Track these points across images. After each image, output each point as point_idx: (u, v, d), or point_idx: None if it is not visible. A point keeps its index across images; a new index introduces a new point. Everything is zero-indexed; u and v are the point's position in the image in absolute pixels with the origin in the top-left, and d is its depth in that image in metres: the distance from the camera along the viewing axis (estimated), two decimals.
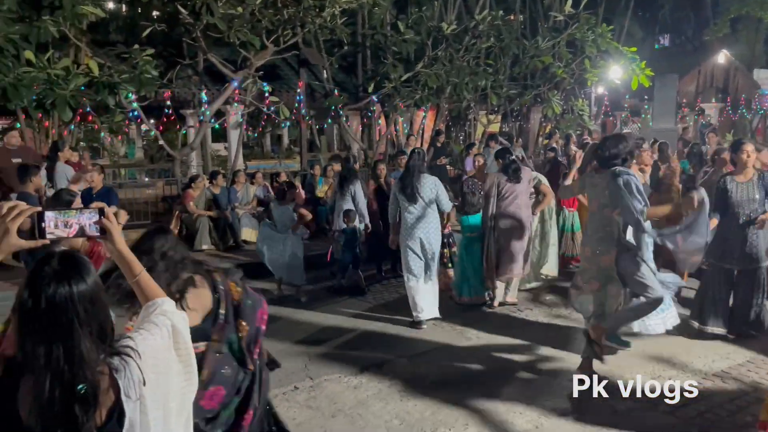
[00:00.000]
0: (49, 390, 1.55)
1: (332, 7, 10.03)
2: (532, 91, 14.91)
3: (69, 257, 1.65)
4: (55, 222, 1.72)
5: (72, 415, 1.57)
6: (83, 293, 1.61)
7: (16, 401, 1.57)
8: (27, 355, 1.57)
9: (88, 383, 1.58)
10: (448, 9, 15.04)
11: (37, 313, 1.57)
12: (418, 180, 6.23)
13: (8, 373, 1.60)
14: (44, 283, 1.58)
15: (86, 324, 1.60)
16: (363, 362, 5.39)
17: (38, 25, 8.29)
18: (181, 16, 9.65)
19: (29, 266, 5.76)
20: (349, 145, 14.74)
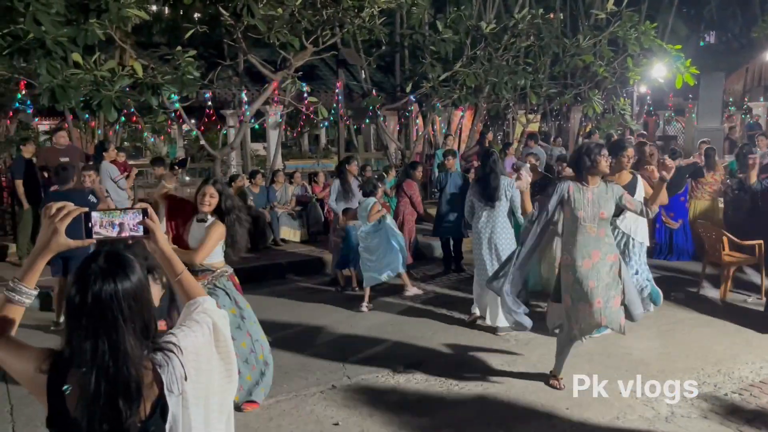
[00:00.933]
0: (95, 384, 1.58)
1: (371, 7, 10.02)
2: (573, 91, 14.68)
3: (114, 255, 1.69)
4: (101, 222, 1.76)
5: (117, 409, 1.60)
6: (128, 290, 1.65)
7: (63, 395, 1.62)
8: (74, 350, 1.61)
9: (132, 378, 1.61)
10: (487, 8, 14.92)
11: (83, 310, 1.61)
12: (496, 181, 6.22)
13: (56, 368, 1.64)
14: (91, 280, 1.62)
15: (130, 320, 1.64)
16: (402, 362, 5.39)
17: (85, 28, 8.49)
18: (222, 18, 9.78)
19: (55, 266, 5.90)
20: (386, 144, 14.75)
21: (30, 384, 1.68)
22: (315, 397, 4.77)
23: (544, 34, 12.89)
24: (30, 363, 1.66)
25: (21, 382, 1.71)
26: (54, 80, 8.27)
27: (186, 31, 10.17)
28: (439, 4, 15.28)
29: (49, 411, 1.64)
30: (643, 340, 5.70)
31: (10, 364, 1.70)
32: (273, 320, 6.63)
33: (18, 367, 1.69)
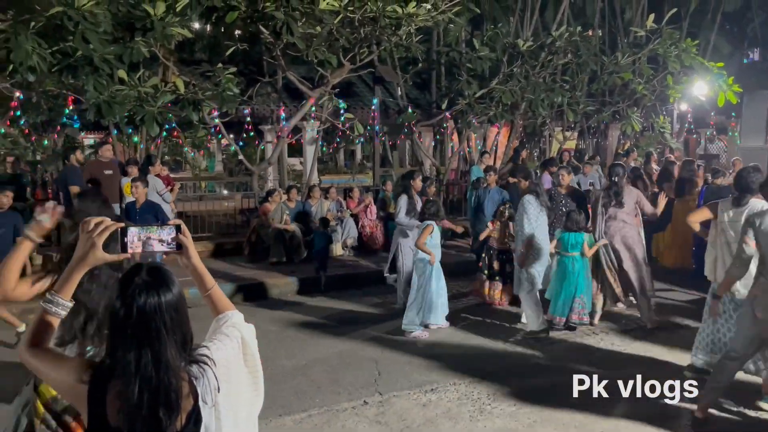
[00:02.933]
0: (138, 394, 1.63)
1: (408, 25, 10.13)
2: (611, 108, 14.53)
3: (156, 269, 1.75)
4: (137, 237, 1.82)
5: (157, 418, 1.65)
6: (170, 303, 1.70)
7: (104, 404, 1.66)
8: (117, 360, 1.67)
9: (172, 388, 1.66)
10: (524, 25, 14.91)
11: (128, 321, 1.66)
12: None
13: (97, 378, 1.69)
14: (135, 293, 1.68)
15: (172, 332, 1.70)
16: (433, 379, 5.37)
17: (131, 46, 8.79)
18: (262, 36, 10.00)
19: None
20: (421, 161, 14.78)
21: (70, 394, 1.73)
22: (346, 412, 4.78)
23: (582, 51, 12.82)
24: (70, 374, 1.71)
25: (59, 392, 1.77)
26: (100, 96, 8.58)
27: (227, 49, 10.43)
28: (476, 22, 15.33)
29: (89, 420, 1.69)
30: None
31: (48, 374, 1.76)
32: (306, 333, 6.69)
33: (57, 378, 1.74)
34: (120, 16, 8.83)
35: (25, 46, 7.74)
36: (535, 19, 15.16)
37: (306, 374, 5.51)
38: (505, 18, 14.92)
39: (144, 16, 8.77)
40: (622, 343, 6.25)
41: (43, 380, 1.78)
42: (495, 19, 14.81)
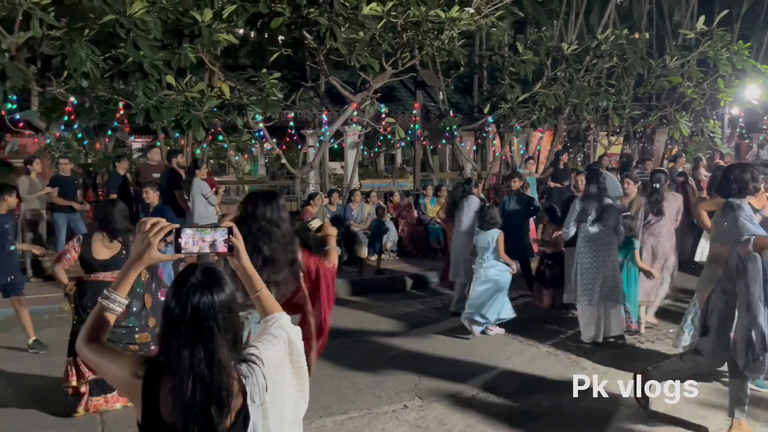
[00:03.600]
0: (190, 391, 1.67)
1: (451, 29, 10.11)
2: (658, 112, 14.21)
3: (210, 270, 1.78)
4: (192, 238, 1.86)
5: (209, 415, 1.68)
6: (223, 303, 1.74)
7: (158, 400, 1.71)
8: (171, 357, 1.71)
9: (224, 386, 1.70)
10: (568, 29, 14.72)
11: (182, 320, 1.71)
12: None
13: (151, 375, 1.73)
14: (190, 292, 1.72)
15: (224, 331, 1.73)
16: (474, 384, 5.33)
17: (179, 52, 9.01)
18: (305, 41, 10.12)
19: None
20: (462, 165, 14.72)
21: (125, 388, 1.79)
22: (387, 415, 4.78)
23: (629, 54, 12.58)
24: (126, 368, 1.76)
25: (115, 385, 1.83)
26: (149, 101, 8.81)
27: (271, 54, 10.59)
28: (518, 26, 15.20)
29: (142, 415, 1.74)
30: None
31: (105, 368, 1.81)
32: (348, 336, 6.72)
33: (114, 372, 1.80)
34: (169, 23, 9.06)
35: (79, 53, 8.01)
36: (579, 22, 14.96)
37: (347, 377, 5.54)
38: (548, 21, 14.76)
39: (192, 22, 8.99)
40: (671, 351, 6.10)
41: (100, 374, 1.83)
42: (538, 23, 14.67)
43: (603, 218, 6.17)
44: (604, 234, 6.19)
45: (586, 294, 6.23)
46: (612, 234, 6.18)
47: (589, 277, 6.22)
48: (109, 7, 8.17)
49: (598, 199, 6.25)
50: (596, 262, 6.19)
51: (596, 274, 6.18)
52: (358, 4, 9.55)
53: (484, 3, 10.78)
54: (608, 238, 6.20)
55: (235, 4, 9.28)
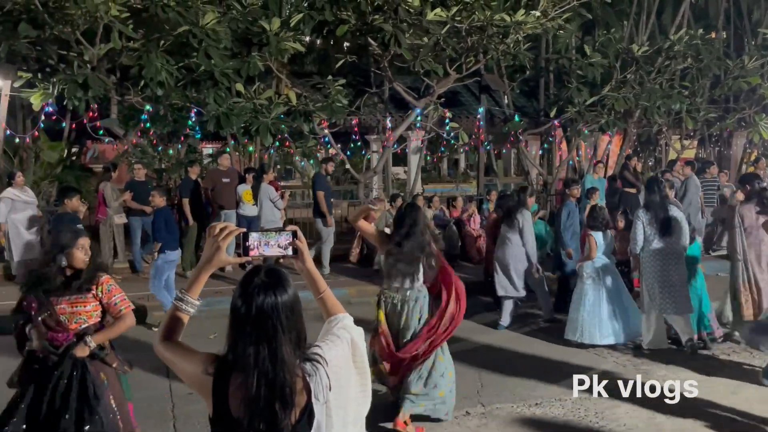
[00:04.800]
0: (256, 387, 1.73)
1: (516, 33, 10.01)
2: (736, 115, 13.58)
3: (274, 271, 1.85)
4: (258, 241, 1.93)
5: (273, 411, 1.74)
6: (286, 303, 1.80)
7: (227, 396, 1.78)
8: (238, 354, 1.77)
9: (287, 383, 1.75)
10: (639, 30, 14.28)
11: (248, 319, 1.77)
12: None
13: (220, 371, 1.80)
14: (255, 293, 1.78)
15: (287, 330, 1.79)
16: (538, 393, 5.24)
17: (248, 61, 9.30)
18: (370, 48, 10.23)
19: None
20: (527, 170, 14.49)
21: (196, 384, 1.86)
22: (448, 421, 4.76)
23: (704, 55, 12.10)
24: (198, 366, 1.84)
25: (187, 382, 1.91)
26: (220, 108, 9.13)
27: (336, 61, 10.76)
28: (586, 28, 14.86)
29: (213, 410, 1.81)
30: None
31: (179, 365, 1.90)
32: None
33: (187, 369, 1.88)
34: (239, 32, 9.36)
35: (155, 63, 8.41)
36: (651, 22, 14.50)
37: None
38: (618, 23, 14.36)
39: (260, 31, 9.26)
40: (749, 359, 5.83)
41: (175, 371, 1.92)
42: (607, 24, 14.29)
43: (669, 227, 5.98)
44: (671, 243, 6.00)
45: (652, 302, 6.08)
46: (678, 243, 5.99)
47: (657, 286, 6.04)
48: (183, 18, 8.52)
49: (662, 207, 6.07)
50: (663, 272, 6.01)
51: (663, 284, 6.00)
52: (423, 9, 9.59)
53: (551, 5, 10.63)
54: (675, 247, 6.01)
55: (302, 13, 9.51)
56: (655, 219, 6.07)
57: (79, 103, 8.56)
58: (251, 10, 9.46)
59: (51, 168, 11.54)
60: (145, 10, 8.63)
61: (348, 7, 9.55)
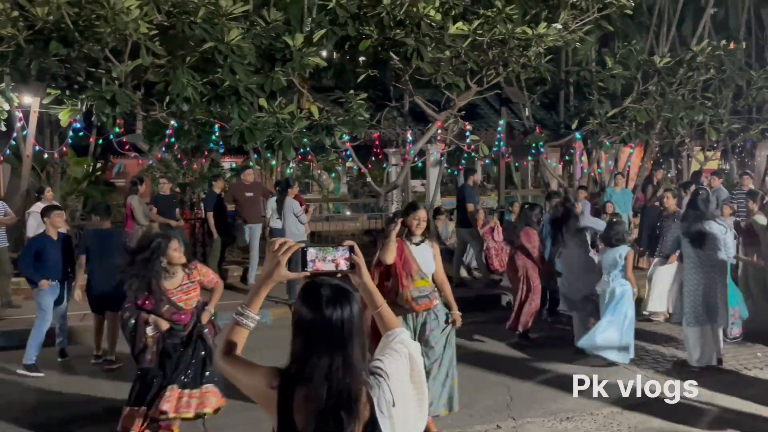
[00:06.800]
0: (325, 397, 1.75)
1: (537, 46, 10.01)
2: (759, 126, 13.45)
3: (338, 285, 1.88)
4: (315, 257, 1.96)
5: (340, 421, 1.75)
6: (355, 315, 1.83)
7: (292, 409, 1.78)
8: (304, 366, 1.79)
9: (354, 393, 1.77)
10: (660, 41, 14.25)
11: (318, 331, 1.80)
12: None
13: (285, 384, 1.81)
14: (325, 305, 1.80)
15: (356, 340, 1.82)
16: (569, 407, 5.19)
17: (271, 76, 9.39)
18: (391, 62, 10.29)
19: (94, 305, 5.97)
20: (547, 182, 14.44)
21: (261, 398, 1.87)
22: None
23: (727, 65, 12.02)
24: (262, 380, 1.85)
25: (251, 395, 1.92)
26: (243, 123, 9.21)
27: (357, 75, 10.83)
28: (606, 39, 14.84)
29: (279, 423, 1.81)
30: None
31: (241, 379, 1.92)
32: None
33: (249, 383, 1.89)
34: (262, 48, 9.46)
35: (182, 79, 8.51)
36: (671, 34, 14.46)
37: None
38: (638, 34, 14.33)
39: (283, 47, 9.35)
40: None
41: (237, 385, 1.94)
42: (627, 36, 14.27)
43: (707, 239, 5.92)
44: (709, 255, 5.92)
45: (693, 315, 5.98)
46: (717, 255, 5.90)
47: (696, 299, 5.97)
48: (209, 35, 8.64)
49: (700, 219, 6.00)
50: (703, 283, 5.95)
51: (702, 296, 5.94)
52: (445, 23, 9.64)
53: (572, 18, 10.63)
54: (714, 259, 5.92)
55: (325, 28, 9.59)
56: (692, 230, 6.01)
57: (107, 119, 8.69)
58: (275, 26, 9.57)
59: (77, 183, 11.73)
60: (172, 27, 8.76)
61: (370, 22, 9.62)
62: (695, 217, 6.05)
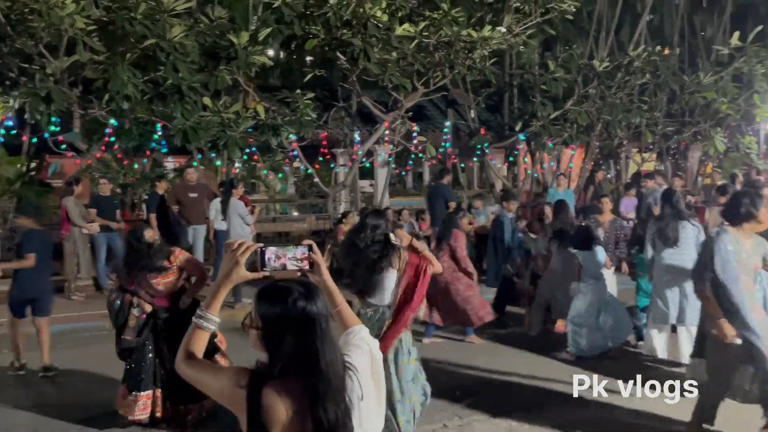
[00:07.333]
0: (324, 389, 1.76)
1: (482, 48, 10.16)
2: (692, 128, 14.04)
3: (306, 282, 1.90)
4: (275, 256, 1.95)
5: (339, 410, 1.77)
6: (322, 310, 1.84)
7: (261, 407, 1.75)
8: (281, 362, 1.78)
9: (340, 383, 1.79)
10: (599, 46, 14.68)
11: (294, 325, 1.80)
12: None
13: (254, 382, 1.79)
14: (296, 301, 1.81)
15: (327, 336, 1.83)
16: (515, 405, 5.28)
17: (216, 74, 9.20)
18: (338, 62, 10.26)
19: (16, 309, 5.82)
20: (492, 183, 14.69)
21: (228, 399, 1.83)
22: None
23: (662, 70, 12.49)
24: (229, 380, 1.83)
25: (218, 398, 1.89)
26: (187, 122, 9.00)
27: (304, 75, 10.75)
28: (548, 43, 15.21)
29: (248, 423, 1.78)
30: None
31: (206, 382, 1.89)
32: None
33: (215, 385, 1.87)
34: (206, 46, 9.27)
35: (121, 76, 8.25)
36: (610, 39, 14.92)
37: None
38: (579, 39, 14.73)
39: (228, 45, 9.18)
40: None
41: (201, 389, 1.91)
42: (569, 41, 14.65)
43: (682, 240, 6.00)
44: (682, 256, 5.95)
45: (662, 315, 6.11)
46: (690, 255, 5.87)
47: (667, 298, 6.08)
48: (150, 31, 8.40)
49: (676, 219, 6.09)
50: (675, 285, 6.03)
51: (675, 297, 6.04)
52: (391, 25, 9.67)
53: (515, 22, 10.84)
54: (687, 259, 5.89)
55: (271, 27, 9.48)
56: (664, 230, 6.09)
57: (41, 117, 8.34)
58: (219, 24, 9.38)
59: (9, 184, 11.23)
60: (111, 23, 8.48)
61: (317, 21, 9.56)
62: (671, 216, 6.11)
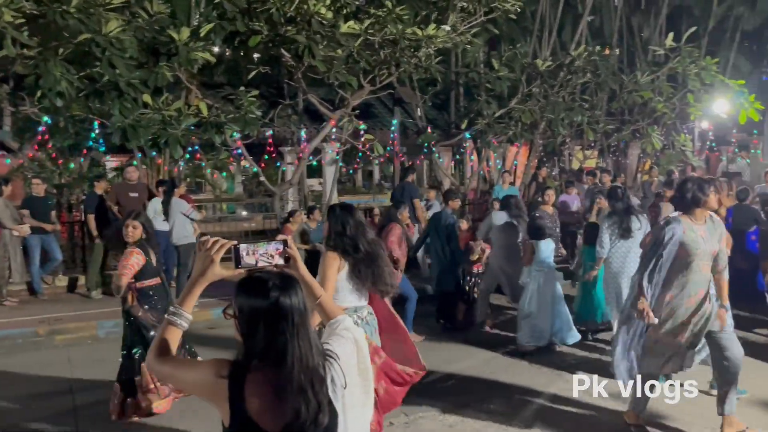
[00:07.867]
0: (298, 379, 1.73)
1: (428, 47, 10.21)
2: (630, 126, 14.49)
3: (283, 275, 1.87)
4: (248, 252, 1.94)
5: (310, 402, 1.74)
6: (299, 301, 1.82)
7: (244, 397, 1.73)
8: (260, 350, 1.75)
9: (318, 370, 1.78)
10: (542, 45, 14.97)
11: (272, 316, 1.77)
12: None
13: (236, 372, 1.76)
14: (274, 291, 1.78)
15: (309, 325, 1.82)
16: (461, 400, 5.32)
17: (156, 71, 8.94)
18: (283, 59, 10.13)
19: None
20: (440, 180, 14.81)
21: (209, 392, 1.79)
22: None
23: (601, 70, 12.82)
24: (207, 372, 1.78)
25: (194, 391, 1.85)
26: (125, 120, 8.72)
27: (248, 72, 10.56)
28: (493, 43, 15.42)
29: (231, 413, 1.74)
30: None
31: (182, 376, 1.85)
32: None
33: (194, 378, 1.82)
34: (145, 41, 9.00)
35: (54, 72, 7.91)
36: (553, 39, 15.24)
37: None
38: (523, 39, 14.99)
39: (168, 41, 8.94)
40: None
41: (176, 385, 1.86)
42: (513, 40, 14.89)
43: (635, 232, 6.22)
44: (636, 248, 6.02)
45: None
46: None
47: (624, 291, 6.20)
48: (85, 26, 8.08)
49: (627, 214, 6.33)
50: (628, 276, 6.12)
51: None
52: (336, 22, 9.60)
53: (460, 21, 10.94)
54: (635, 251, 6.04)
55: (213, 23, 9.28)
56: (618, 225, 6.33)
57: None
58: (158, 19, 9.11)
59: None
60: (42, 17, 8.12)
61: (260, 17, 9.40)
62: (624, 211, 6.36)
